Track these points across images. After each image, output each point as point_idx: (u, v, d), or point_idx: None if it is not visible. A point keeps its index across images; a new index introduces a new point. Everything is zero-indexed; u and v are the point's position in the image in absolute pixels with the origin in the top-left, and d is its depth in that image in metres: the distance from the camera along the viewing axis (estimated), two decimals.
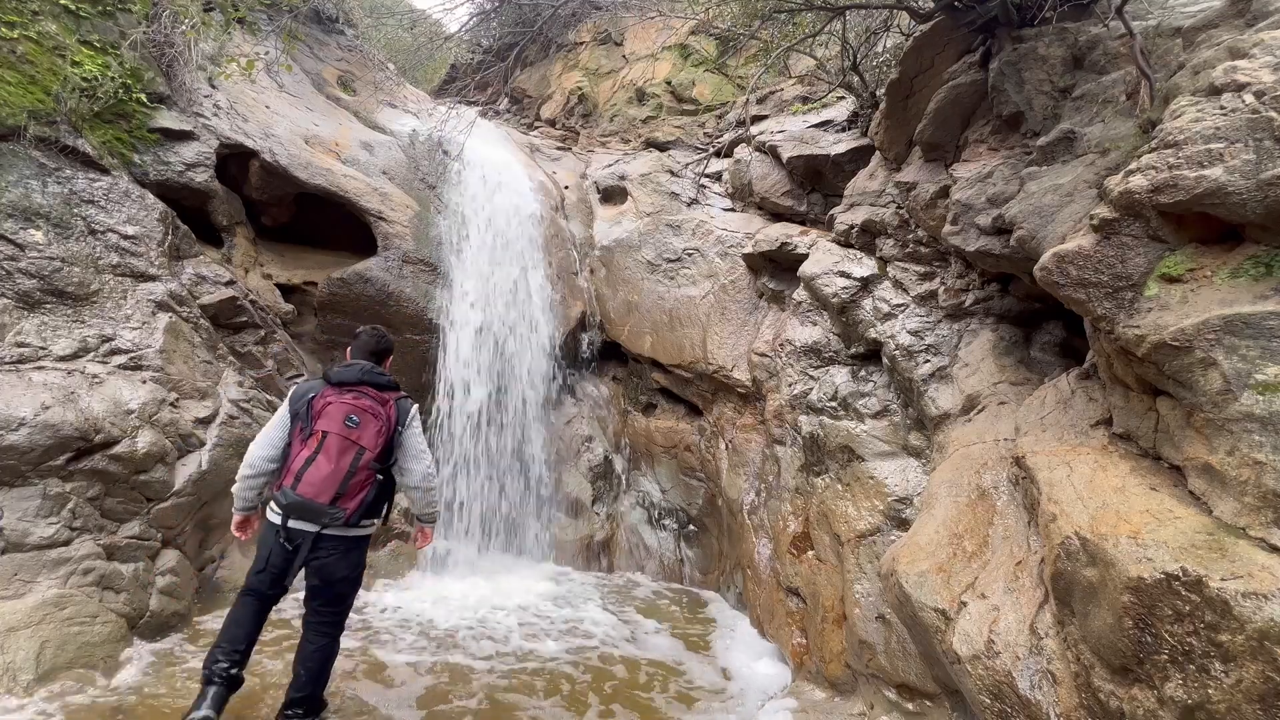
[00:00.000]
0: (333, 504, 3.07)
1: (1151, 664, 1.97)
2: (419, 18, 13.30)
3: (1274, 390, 2.04)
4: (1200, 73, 2.67)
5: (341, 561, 3.18)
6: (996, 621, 2.60)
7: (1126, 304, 2.55)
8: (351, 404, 3.19)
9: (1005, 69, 3.83)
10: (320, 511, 3.06)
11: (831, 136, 6.52)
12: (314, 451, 3.11)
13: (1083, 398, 3.09)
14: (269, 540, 3.14)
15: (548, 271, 6.95)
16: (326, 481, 3.07)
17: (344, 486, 3.09)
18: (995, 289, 4.16)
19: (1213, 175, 2.32)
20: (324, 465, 3.09)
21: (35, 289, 4.25)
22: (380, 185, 6.47)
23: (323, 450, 3.11)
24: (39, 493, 3.78)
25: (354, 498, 3.12)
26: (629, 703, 3.91)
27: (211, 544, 4.79)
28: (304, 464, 3.10)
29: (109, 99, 4.94)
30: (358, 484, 3.13)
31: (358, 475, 3.12)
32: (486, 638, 4.57)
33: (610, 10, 11.37)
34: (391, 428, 3.26)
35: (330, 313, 5.95)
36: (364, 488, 3.15)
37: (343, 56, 8.62)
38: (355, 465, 3.12)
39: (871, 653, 3.57)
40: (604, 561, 6.23)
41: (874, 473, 4.18)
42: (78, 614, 3.67)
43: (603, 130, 9.75)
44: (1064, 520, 2.38)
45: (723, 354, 5.96)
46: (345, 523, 3.10)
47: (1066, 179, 3.28)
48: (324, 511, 3.06)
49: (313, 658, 3.20)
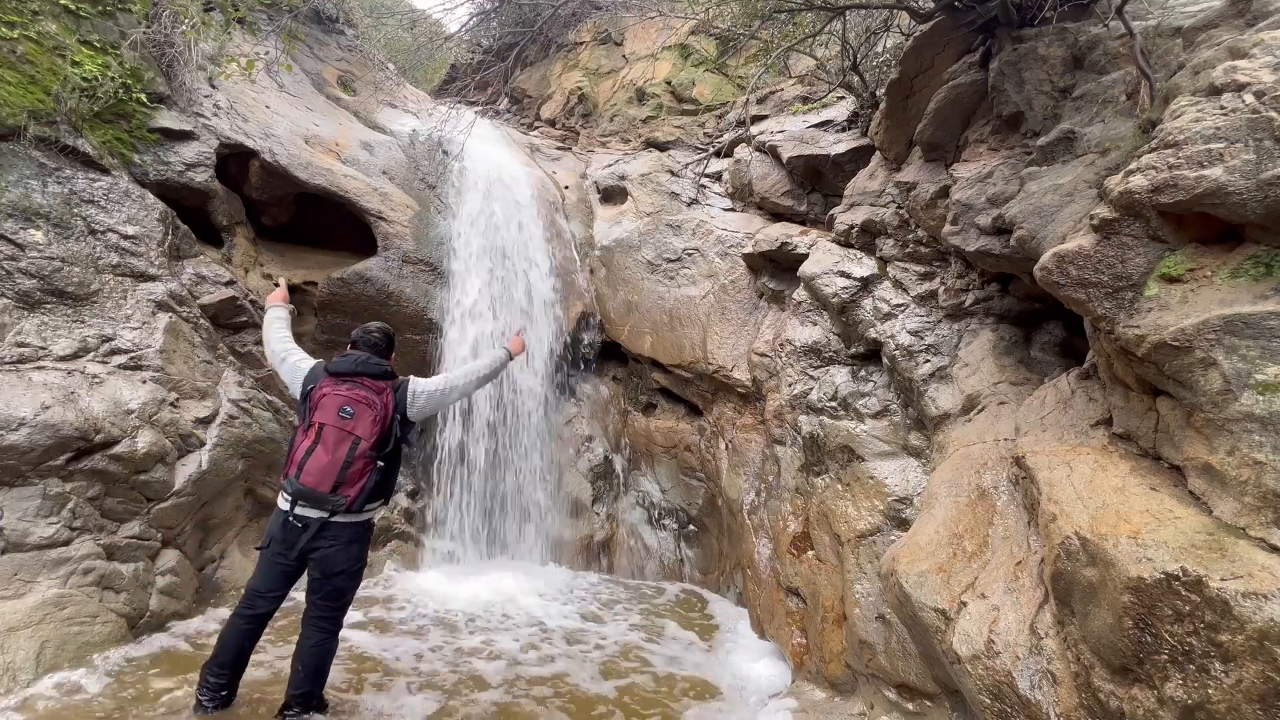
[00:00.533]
0: (334, 491, 3.18)
1: (1151, 664, 1.97)
2: (419, 18, 13.30)
3: (1274, 390, 2.04)
4: (1200, 73, 2.67)
5: (342, 554, 3.25)
6: (996, 621, 2.60)
7: (1126, 304, 2.55)
8: (346, 395, 3.27)
9: (1005, 69, 3.83)
10: (324, 499, 3.18)
11: (831, 136, 6.52)
12: (313, 442, 3.22)
13: (1083, 398, 3.09)
14: (276, 521, 3.28)
15: (548, 271, 6.96)
16: (326, 471, 3.18)
17: (342, 475, 3.20)
18: (995, 289, 4.16)
19: (1213, 175, 2.32)
20: (322, 456, 3.19)
21: (35, 289, 4.25)
22: (380, 185, 6.47)
23: (321, 441, 3.21)
24: (39, 493, 3.78)
25: (354, 485, 3.22)
26: (629, 703, 3.91)
27: (211, 544, 4.79)
28: (305, 454, 3.22)
29: (109, 99, 4.94)
30: (356, 472, 3.22)
31: (354, 464, 3.22)
32: (486, 638, 4.57)
33: (610, 10, 11.37)
34: (389, 416, 3.32)
35: (330, 313, 5.95)
36: (363, 475, 3.24)
37: (343, 56, 8.62)
38: (351, 455, 3.21)
39: (871, 653, 3.57)
40: (604, 561, 6.23)
41: (874, 473, 4.18)
42: (78, 614, 3.67)
43: (603, 130, 9.75)
44: (1064, 520, 2.38)
45: (723, 354, 5.96)
46: (349, 509, 3.21)
47: (1066, 179, 3.28)
48: (327, 499, 3.18)
49: (311, 654, 3.25)
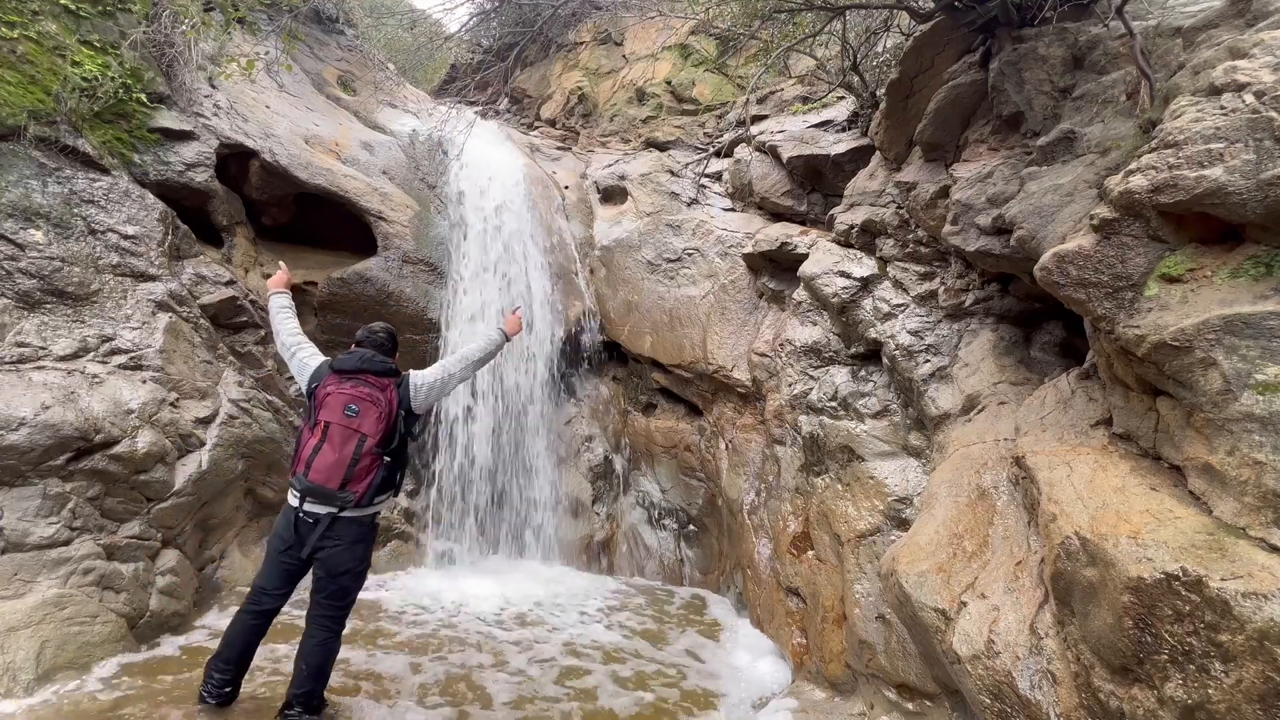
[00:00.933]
0: (342, 489, 3.21)
1: (1151, 664, 1.97)
2: (419, 18, 13.30)
3: (1274, 390, 2.04)
4: (1200, 73, 2.67)
5: (347, 554, 3.27)
6: (996, 621, 2.60)
7: (1126, 304, 2.55)
8: (350, 393, 3.29)
9: (1005, 69, 3.83)
10: (332, 495, 3.20)
11: (831, 136, 6.52)
12: (320, 440, 3.24)
13: (1083, 398, 3.09)
14: (285, 518, 3.30)
15: (547, 271, 6.96)
16: (333, 469, 3.20)
17: (350, 472, 3.22)
18: (995, 289, 4.16)
19: (1213, 175, 2.32)
20: (329, 454, 3.22)
21: (35, 289, 4.25)
22: (380, 185, 6.47)
23: (327, 439, 3.23)
24: (39, 493, 3.78)
25: (362, 481, 3.25)
26: (630, 703, 3.91)
27: (211, 544, 4.79)
28: (312, 452, 3.24)
29: (109, 99, 4.94)
30: (363, 469, 3.25)
31: (362, 461, 3.24)
32: (487, 639, 4.57)
33: (610, 10, 11.37)
34: (394, 412, 3.34)
35: (330, 312, 5.95)
36: (370, 471, 3.27)
37: (343, 56, 8.62)
38: (359, 452, 3.23)
39: (871, 653, 3.57)
40: (604, 561, 6.23)
41: (874, 473, 4.18)
42: (78, 614, 3.67)
43: (603, 130, 9.75)
44: (1064, 520, 2.39)
45: (723, 354, 5.96)
46: (358, 504, 3.24)
47: (1066, 179, 3.28)
48: (335, 495, 3.20)
49: (314, 653, 3.26)
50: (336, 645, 3.33)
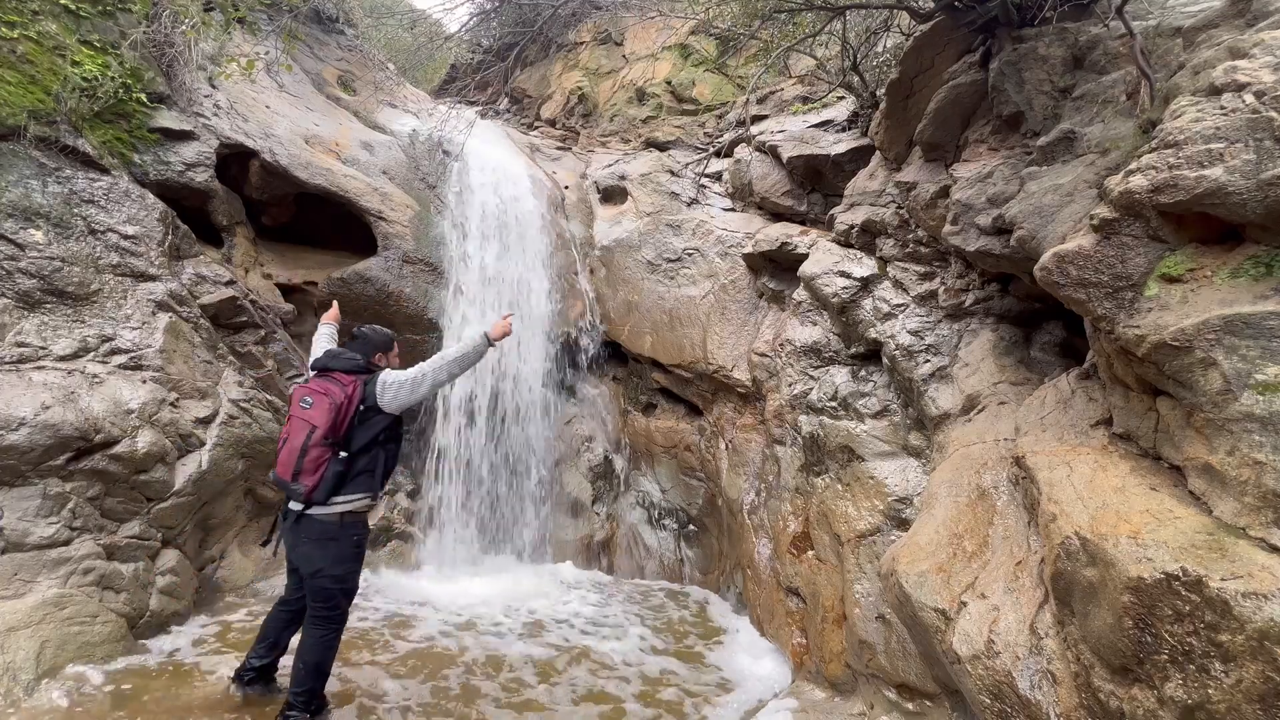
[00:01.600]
0: (294, 480, 3.23)
1: (1151, 664, 1.97)
2: (419, 18, 13.29)
3: (1274, 390, 2.04)
4: (1200, 73, 2.67)
5: (317, 552, 3.27)
6: (996, 621, 2.60)
7: (1126, 304, 2.55)
8: (310, 388, 3.35)
9: (1005, 69, 3.83)
10: (287, 487, 3.26)
11: (831, 136, 6.52)
12: (287, 434, 3.32)
13: (1083, 398, 3.09)
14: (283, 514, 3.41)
15: (547, 271, 6.96)
16: (287, 460, 3.26)
17: (299, 464, 3.23)
18: (995, 289, 4.16)
19: (1213, 175, 2.32)
20: (287, 446, 3.28)
21: (35, 289, 4.25)
22: (380, 185, 6.47)
23: (290, 432, 3.31)
24: (39, 492, 3.79)
25: (311, 474, 3.23)
26: (630, 703, 3.91)
27: (211, 544, 4.79)
28: (280, 445, 3.33)
29: (109, 99, 4.94)
30: (311, 461, 3.24)
31: (310, 452, 3.24)
32: (487, 640, 4.57)
33: (610, 10, 11.36)
34: (350, 406, 3.31)
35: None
36: (320, 464, 3.24)
37: (343, 56, 8.62)
38: (306, 443, 3.24)
39: (871, 653, 3.57)
40: (604, 561, 6.23)
41: (874, 473, 4.18)
42: (78, 614, 3.67)
43: (603, 130, 9.74)
44: (1064, 520, 2.38)
45: (723, 354, 5.96)
46: (308, 498, 3.22)
47: (1066, 179, 3.28)
48: (289, 486, 3.25)
49: (310, 651, 3.28)
50: (332, 643, 3.33)
